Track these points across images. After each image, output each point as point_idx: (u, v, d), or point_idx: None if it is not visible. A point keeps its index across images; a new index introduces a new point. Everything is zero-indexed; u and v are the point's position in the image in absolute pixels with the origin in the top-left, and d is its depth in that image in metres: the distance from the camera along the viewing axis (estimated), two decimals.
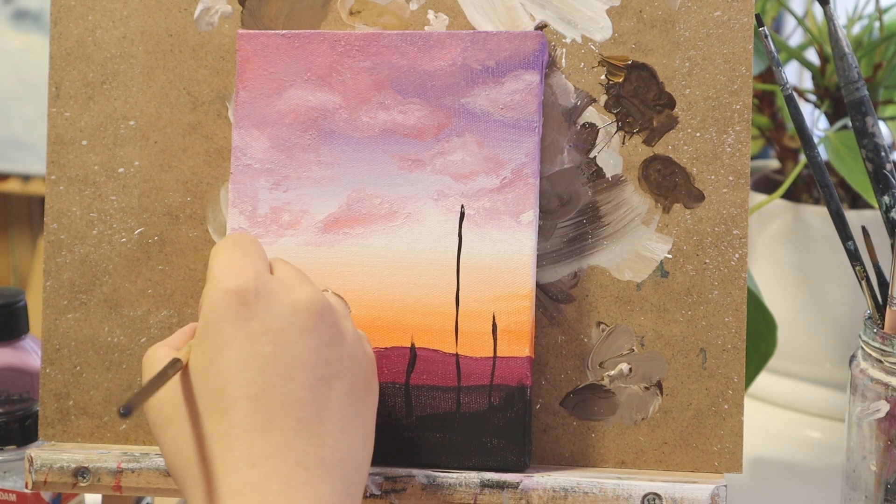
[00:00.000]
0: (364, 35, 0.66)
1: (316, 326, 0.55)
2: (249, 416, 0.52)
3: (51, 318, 0.68)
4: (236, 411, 0.52)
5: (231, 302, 0.54)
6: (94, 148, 0.69)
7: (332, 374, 0.54)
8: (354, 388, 0.55)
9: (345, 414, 0.54)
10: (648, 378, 0.65)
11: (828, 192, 0.67)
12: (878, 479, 0.64)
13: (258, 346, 0.53)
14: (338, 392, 0.54)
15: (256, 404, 0.52)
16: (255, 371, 0.53)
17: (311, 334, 0.54)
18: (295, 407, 0.53)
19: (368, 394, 0.57)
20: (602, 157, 0.65)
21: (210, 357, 0.54)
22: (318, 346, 0.54)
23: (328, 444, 0.53)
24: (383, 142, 0.65)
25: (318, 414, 0.53)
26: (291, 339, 0.54)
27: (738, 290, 0.64)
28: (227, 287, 0.55)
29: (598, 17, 0.66)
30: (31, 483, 0.65)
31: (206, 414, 0.53)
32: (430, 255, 0.64)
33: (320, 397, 0.54)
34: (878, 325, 0.65)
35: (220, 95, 0.68)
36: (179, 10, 0.68)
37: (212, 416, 0.53)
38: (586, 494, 0.62)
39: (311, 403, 0.53)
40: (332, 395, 0.54)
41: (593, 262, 0.65)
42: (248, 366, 0.53)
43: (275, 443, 0.52)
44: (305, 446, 0.52)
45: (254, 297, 0.54)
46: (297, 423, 0.53)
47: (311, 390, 0.53)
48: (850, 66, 0.67)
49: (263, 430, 0.52)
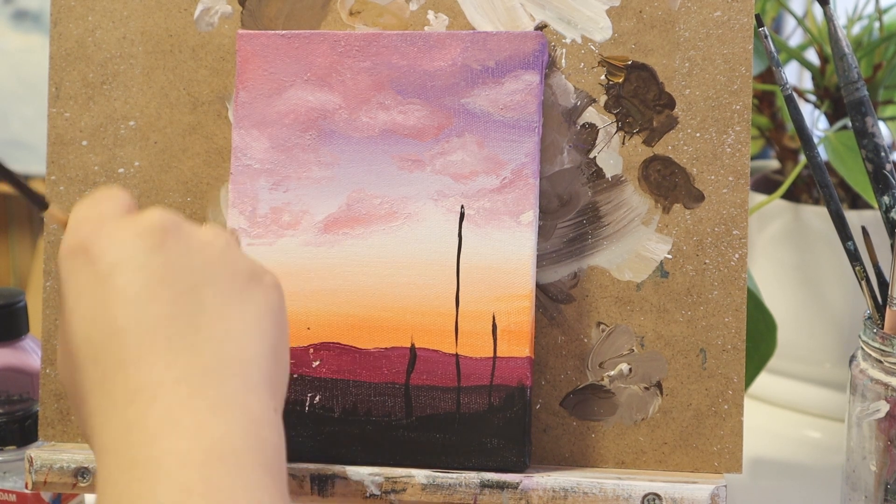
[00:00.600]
0: (364, 35, 0.66)
1: (164, 242, 0.51)
2: (118, 352, 0.49)
3: (51, 318, 0.68)
4: (105, 353, 0.49)
5: (73, 254, 0.52)
6: (94, 148, 0.69)
7: (199, 282, 0.51)
8: (233, 289, 0.52)
9: (227, 315, 0.51)
10: (648, 378, 0.65)
11: (828, 192, 0.67)
12: (878, 479, 0.64)
13: (110, 281, 0.50)
14: (211, 297, 0.51)
15: (121, 338, 0.49)
16: (114, 306, 0.50)
17: (160, 251, 0.51)
18: (164, 326, 0.49)
19: (253, 290, 0.52)
20: (602, 158, 0.65)
21: (70, 313, 0.51)
22: (172, 260, 0.51)
23: (210, 350, 0.49)
24: (383, 142, 0.65)
25: (192, 324, 0.50)
26: (141, 263, 0.50)
27: (738, 290, 0.64)
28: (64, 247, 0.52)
29: (597, 17, 0.66)
30: (31, 483, 0.65)
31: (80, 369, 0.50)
32: (429, 255, 0.64)
33: (189, 307, 0.50)
34: (877, 325, 0.65)
35: (220, 96, 0.68)
36: (179, 10, 0.68)
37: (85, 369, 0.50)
38: (586, 495, 0.62)
39: (178, 317, 0.50)
40: (204, 302, 0.50)
41: (593, 262, 0.65)
42: (107, 304, 0.50)
43: (150, 370, 0.48)
44: (182, 361, 0.49)
45: (92, 241, 0.51)
46: (169, 342, 0.49)
47: (177, 305, 0.50)
48: (850, 66, 0.67)
49: (136, 362, 0.49)
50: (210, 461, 0.47)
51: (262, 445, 0.49)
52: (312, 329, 0.64)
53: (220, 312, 0.51)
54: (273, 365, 0.52)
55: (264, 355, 0.51)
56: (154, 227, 0.51)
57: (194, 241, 0.52)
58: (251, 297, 0.52)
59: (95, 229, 0.52)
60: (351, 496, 0.63)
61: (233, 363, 0.50)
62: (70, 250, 0.52)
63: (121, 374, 0.49)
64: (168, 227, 0.52)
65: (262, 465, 0.48)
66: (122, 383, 0.48)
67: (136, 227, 0.51)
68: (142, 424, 0.47)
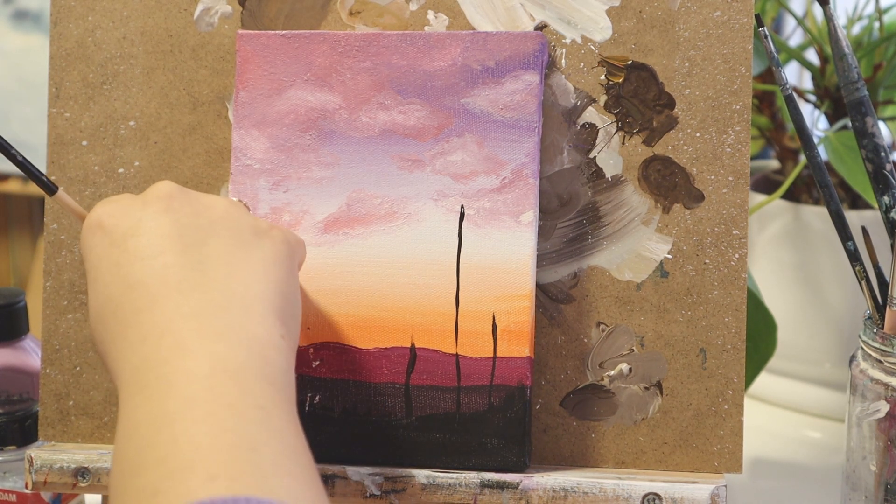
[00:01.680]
0: (364, 35, 0.66)
1: (170, 207, 0.56)
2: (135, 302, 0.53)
3: (51, 318, 0.68)
4: (123, 305, 0.54)
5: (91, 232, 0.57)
6: (94, 148, 0.69)
7: (205, 237, 0.56)
8: (238, 240, 0.56)
9: (231, 260, 0.55)
10: (648, 378, 0.65)
11: (828, 192, 0.67)
12: (878, 480, 0.64)
13: (123, 245, 0.55)
14: (216, 247, 0.55)
15: (137, 289, 0.53)
16: (127, 265, 0.54)
17: (167, 214, 0.56)
18: (174, 275, 0.53)
19: (258, 241, 0.57)
20: (602, 158, 0.65)
21: (94, 281, 0.56)
22: (179, 219, 0.56)
23: (217, 289, 0.53)
24: (383, 142, 0.65)
25: (197, 269, 0.54)
26: (150, 225, 0.55)
27: (738, 290, 0.64)
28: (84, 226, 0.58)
29: (597, 17, 0.66)
30: (31, 483, 0.65)
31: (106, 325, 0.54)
32: (430, 255, 0.64)
33: (196, 256, 0.54)
34: (877, 325, 0.65)
35: (220, 96, 0.68)
36: (179, 10, 0.68)
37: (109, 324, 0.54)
38: (586, 495, 0.62)
39: (186, 266, 0.54)
40: (209, 251, 0.55)
41: (593, 262, 0.65)
42: (122, 264, 0.54)
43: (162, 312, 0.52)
44: (191, 300, 0.53)
45: (106, 217, 0.56)
46: (179, 287, 0.53)
47: (183, 255, 0.54)
48: (850, 66, 0.67)
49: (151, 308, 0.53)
50: (214, 374, 0.50)
51: (265, 363, 0.52)
52: (313, 329, 0.64)
53: (225, 259, 0.55)
54: (281, 300, 0.55)
55: (271, 291, 0.55)
56: (160, 195, 0.57)
57: (198, 203, 0.57)
58: (258, 245, 0.56)
59: (107, 208, 0.57)
60: (351, 496, 0.63)
61: (237, 298, 0.54)
62: (88, 228, 0.57)
63: (137, 319, 0.53)
64: (173, 194, 0.57)
65: (266, 378, 0.51)
66: (137, 326, 0.53)
67: (144, 198, 0.57)
68: (154, 354, 0.51)
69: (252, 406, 0.49)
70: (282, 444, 0.48)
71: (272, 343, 0.53)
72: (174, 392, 0.49)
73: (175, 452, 0.47)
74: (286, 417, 0.50)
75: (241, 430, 0.48)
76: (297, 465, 0.48)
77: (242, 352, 0.51)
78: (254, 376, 0.51)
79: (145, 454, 0.48)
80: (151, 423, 0.49)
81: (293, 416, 0.51)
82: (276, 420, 0.49)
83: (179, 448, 0.47)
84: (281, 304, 0.55)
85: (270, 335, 0.53)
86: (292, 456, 0.48)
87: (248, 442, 0.47)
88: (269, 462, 0.47)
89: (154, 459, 0.47)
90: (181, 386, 0.49)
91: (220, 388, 0.49)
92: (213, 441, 0.47)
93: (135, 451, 0.48)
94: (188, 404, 0.49)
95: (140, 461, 0.48)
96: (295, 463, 0.48)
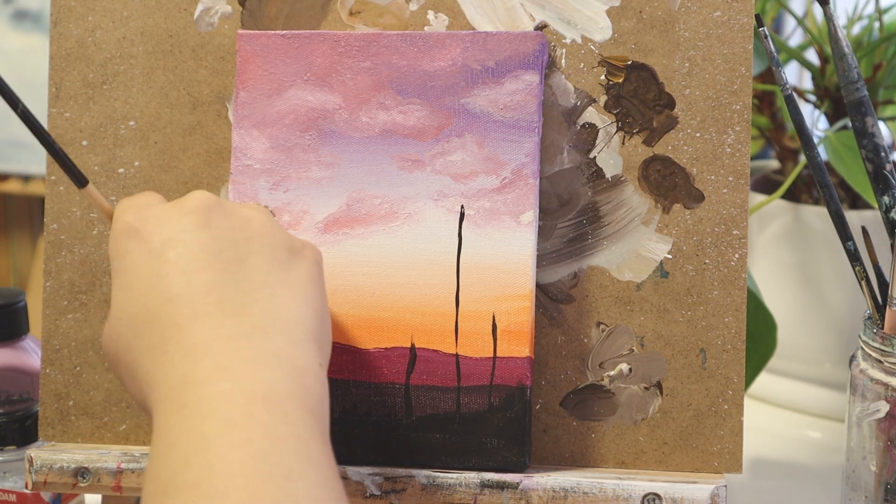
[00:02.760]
0: (364, 35, 0.66)
1: (209, 221, 0.55)
2: (175, 317, 0.53)
3: (51, 318, 0.68)
4: (162, 318, 0.53)
5: (125, 236, 0.56)
6: (94, 148, 0.69)
7: (244, 253, 0.55)
8: (276, 258, 0.56)
9: (270, 281, 0.55)
10: (648, 378, 0.65)
11: (828, 192, 0.67)
12: (878, 480, 0.65)
13: (163, 255, 0.54)
14: (256, 265, 0.55)
15: (178, 304, 0.53)
16: (168, 277, 0.54)
17: (206, 228, 0.55)
18: (216, 292, 0.53)
19: (295, 258, 0.56)
20: (602, 158, 0.65)
21: (127, 287, 0.55)
22: (218, 235, 0.55)
23: (258, 311, 0.53)
24: (383, 142, 0.65)
25: (242, 290, 0.54)
26: (191, 238, 0.55)
27: (738, 290, 0.64)
28: (114, 231, 0.57)
29: (597, 17, 0.66)
30: (31, 483, 0.65)
31: (138, 335, 0.54)
32: (429, 255, 0.64)
33: (237, 275, 0.54)
34: (877, 325, 0.65)
35: (220, 96, 0.68)
36: (179, 10, 0.68)
37: (143, 334, 0.54)
38: (586, 495, 0.62)
39: (228, 284, 0.54)
40: (249, 269, 0.55)
41: (593, 262, 0.65)
42: (161, 275, 0.54)
43: (204, 330, 0.52)
44: (233, 320, 0.52)
45: (142, 224, 0.56)
46: (221, 305, 0.53)
47: (226, 273, 0.54)
48: (850, 66, 0.67)
49: (191, 324, 0.52)
50: (254, 400, 0.50)
51: (305, 392, 0.51)
52: None
53: (265, 280, 0.55)
54: (318, 325, 0.55)
55: (309, 316, 0.55)
56: (198, 207, 0.56)
57: (236, 217, 0.57)
58: (294, 265, 0.56)
59: (142, 213, 0.57)
60: (351, 496, 0.63)
61: (278, 322, 0.54)
62: (121, 233, 0.57)
63: (177, 335, 0.52)
64: (211, 206, 0.56)
65: (305, 407, 0.51)
66: (177, 342, 0.52)
67: (182, 208, 0.56)
68: (193, 374, 0.51)
69: (290, 435, 0.49)
70: (317, 475, 0.48)
71: (311, 371, 0.53)
72: (213, 415, 0.49)
73: (210, 478, 0.47)
74: (322, 447, 0.50)
75: (277, 459, 0.48)
76: (331, 497, 0.48)
77: (284, 380, 0.51)
78: (293, 405, 0.50)
79: (179, 477, 0.47)
80: (188, 444, 0.48)
81: (328, 445, 0.51)
82: (313, 450, 0.49)
83: (215, 473, 0.47)
84: (317, 328, 0.55)
85: (311, 363, 0.53)
86: (327, 487, 0.48)
87: (284, 471, 0.47)
88: (303, 493, 0.47)
89: (188, 483, 0.47)
90: (220, 409, 0.49)
91: (260, 414, 0.49)
92: (250, 469, 0.47)
93: (169, 473, 0.48)
94: (226, 429, 0.48)
95: (174, 483, 0.47)
96: (329, 495, 0.48)
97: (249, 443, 0.48)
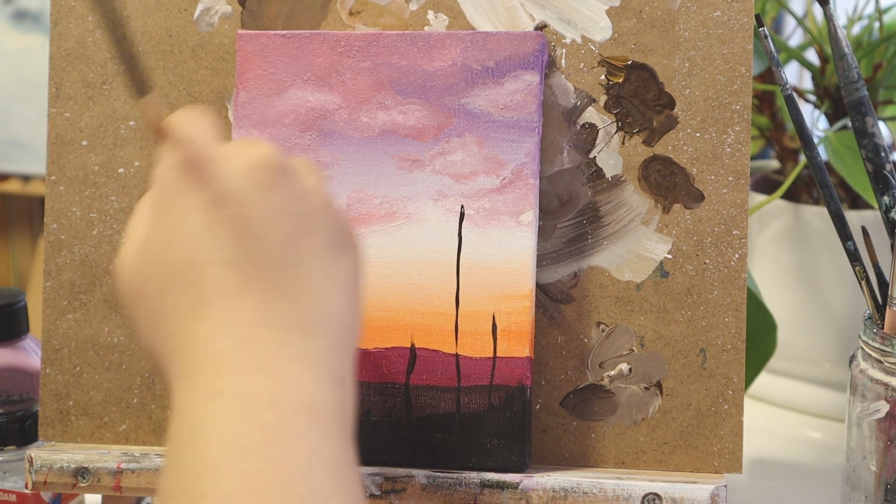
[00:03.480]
0: (364, 35, 0.66)
1: (276, 182, 0.51)
2: (221, 282, 0.49)
3: (51, 318, 0.68)
4: (206, 279, 0.49)
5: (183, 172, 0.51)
6: (94, 148, 0.69)
7: (303, 230, 0.51)
8: (331, 244, 0.52)
9: (323, 271, 0.51)
10: (648, 378, 0.65)
11: (828, 192, 0.67)
12: (878, 480, 0.64)
13: (221, 209, 0.50)
14: (312, 248, 0.51)
15: (226, 269, 0.49)
16: (221, 235, 0.50)
17: (272, 190, 0.51)
18: (267, 267, 0.49)
19: (346, 250, 0.52)
20: (602, 158, 0.65)
21: (172, 227, 0.51)
22: (282, 202, 0.51)
23: (307, 303, 0.50)
24: (383, 142, 0.65)
25: (294, 273, 0.50)
26: (253, 198, 0.50)
27: (737, 290, 0.64)
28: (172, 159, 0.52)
29: (597, 17, 0.66)
30: (31, 483, 0.65)
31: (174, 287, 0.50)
32: (430, 255, 0.64)
33: (294, 255, 0.50)
34: (877, 325, 0.65)
35: (220, 96, 0.68)
36: (179, 10, 0.68)
37: (180, 288, 0.50)
38: (586, 495, 0.62)
39: (284, 262, 0.50)
40: (306, 251, 0.51)
41: (593, 262, 0.65)
42: (214, 230, 0.50)
43: (249, 307, 0.49)
44: (282, 306, 0.49)
45: (205, 162, 0.51)
46: (272, 285, 0.49)
47: (282, 248, 0.50)
48: (850, 66, 0.67)
49: (236, 295, 0.49)
50: (300, 412, 0.47)
51: (342, 409, 0.49)
52: None
53: (318, 267, 0.51)
54: (356, 327, 0.52)
55: (350, 320, 0.52)
56: (266, 164, 0.51)
57: (302, 186, 0.52)
58: (345, 255, 0.52)
59: (206, 151, 0.51)
60: None
61: (324, 322, 0.50)
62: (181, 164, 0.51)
63: (220, 304, 0.49)
64: (279, 167, 0.51)
65: (340, 426, 0.48)
66: (217, 315, 0.49)
67: (248, 160, 0.51)
68: (232, 358, 0.47)
69: (328, 458, 0.47)
70: (347, 501, 0.46)
71: (349, 384, 0.50)
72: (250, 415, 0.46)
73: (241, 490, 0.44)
74: (353, 469, 0.48)
75: (314, 482, 0.45)
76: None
77: (326, 395, 0.48)
78: (332, 424, 0.48)
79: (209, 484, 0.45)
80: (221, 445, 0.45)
81: (355, 463, 0.48)
82: (346, 473, 0.47)
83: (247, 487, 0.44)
84: (356, 332, 0.52)
85: (350, 377, 0.50)
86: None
87: (320, 497, 0.45)
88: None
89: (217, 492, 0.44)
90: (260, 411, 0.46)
91: (302, 429, 0.46)
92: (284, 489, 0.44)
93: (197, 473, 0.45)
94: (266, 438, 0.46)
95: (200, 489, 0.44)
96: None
97: (287, 461, 0.45)
